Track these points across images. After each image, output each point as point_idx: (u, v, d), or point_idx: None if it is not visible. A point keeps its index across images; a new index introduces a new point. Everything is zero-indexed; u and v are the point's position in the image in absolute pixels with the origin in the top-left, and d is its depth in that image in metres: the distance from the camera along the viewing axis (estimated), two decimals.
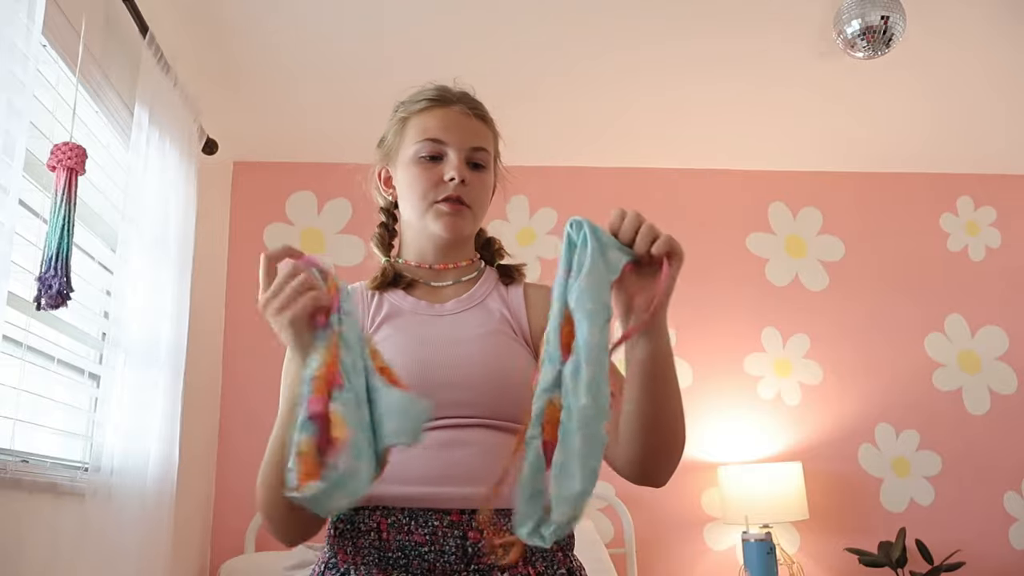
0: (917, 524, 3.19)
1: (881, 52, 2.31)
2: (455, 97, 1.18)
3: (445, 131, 1.15)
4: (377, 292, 1.18)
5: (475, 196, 1.16)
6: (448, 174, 1.14)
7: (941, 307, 3.49)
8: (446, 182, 1.14)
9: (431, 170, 1.15)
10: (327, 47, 2.59)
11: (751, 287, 3.43)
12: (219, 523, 2.97)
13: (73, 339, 2.00)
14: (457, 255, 1.20)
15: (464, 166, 1.15)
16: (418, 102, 1.19)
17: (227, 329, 3.16)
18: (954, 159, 3.54)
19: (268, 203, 3.32)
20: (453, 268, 1.20)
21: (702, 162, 3.49)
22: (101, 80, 2.05)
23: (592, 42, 2.60)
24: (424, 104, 1.18)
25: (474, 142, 1.16)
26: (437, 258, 1.20)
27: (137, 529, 1.90)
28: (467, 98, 1.19)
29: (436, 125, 1.16)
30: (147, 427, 2.01)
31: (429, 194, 1.15)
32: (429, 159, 1.15)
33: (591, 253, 0.89)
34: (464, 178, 1.14)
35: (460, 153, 1.15)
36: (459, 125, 1.16)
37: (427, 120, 1.17)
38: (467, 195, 1.15)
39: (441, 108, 1.17)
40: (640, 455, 1.03)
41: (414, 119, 1.18)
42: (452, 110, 1.17)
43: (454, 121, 1.16)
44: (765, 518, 2.91)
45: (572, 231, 0.91)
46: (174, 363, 2.18)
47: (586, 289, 0.85)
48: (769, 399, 3.31)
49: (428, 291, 1.18)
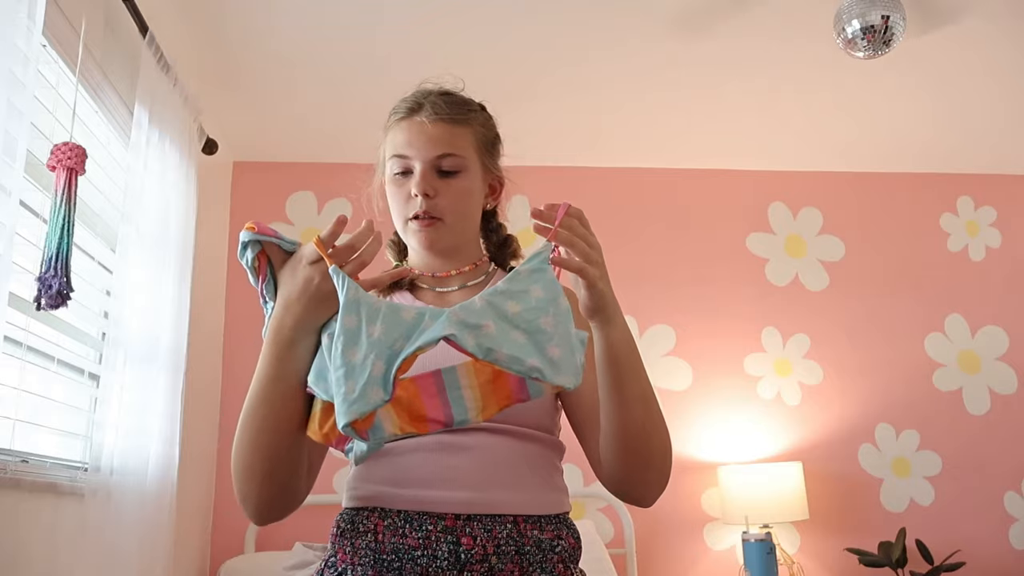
0: (917, 524, 3.19)
1: (881, 52, 2.30)
2: (423, 103, 1.15)
3: (408, 145, 1.14)
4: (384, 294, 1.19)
5: (447, 206, 1.14)
6: (412, 190, 1.13)
7: (941, 307, 3.50)
8: (413, 198, 1.13)
9: (402, 187, 1.15)
10: (327, 47, 2.59)
11: (751, 287, 3.43)
12: (219, 523, 2.97)
13: (73, 339, 2.00)
14: (458, 261, 1.20)
15: (428, 179, 1.13)
16: (394, 114, 1.18)
17: (227, 329, 3.16)
18: (954, 159, 3.54)
19: (268, 203, 3.33)
20: (457, 274, 1.19)
21: (702, 162, 3.49)
22: (101, 80, 2.05)
23: (592, 42, 2.60)
24: (396, 116, 1.17)
25: (438, 150, 1.13)
26: (437, 267, 1.20)
27: (137, 529, 1.90)
28: (437, 102, 1.16)
29: (402, 140, 1.15)
30: (147, 427, 2.01)
31: (402, 212, 1.16)
32: (401, 175, 1.15)
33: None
34: (427, 191, 1.12)
35: (424, 165, 1.13)
36: (421, 136, 1.13)
37: (396, 135, 1.16)
38: (435, 208, 1.13)
39: (407, 119, 1.15)
40: (618, 468, 1.03)
41: (389, 134, 1.18)
42: (414, 121, 1.14)
43: (416, 133, 1.14)
44: (765, 518, 2.91)
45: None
46: (174, 363, 2.18)
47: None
48: (769, 399, 3.31)
49: (434, 296, 1.19)
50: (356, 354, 0.87)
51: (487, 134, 1.21)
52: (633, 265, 3.34)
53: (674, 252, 3.41)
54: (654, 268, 3.37)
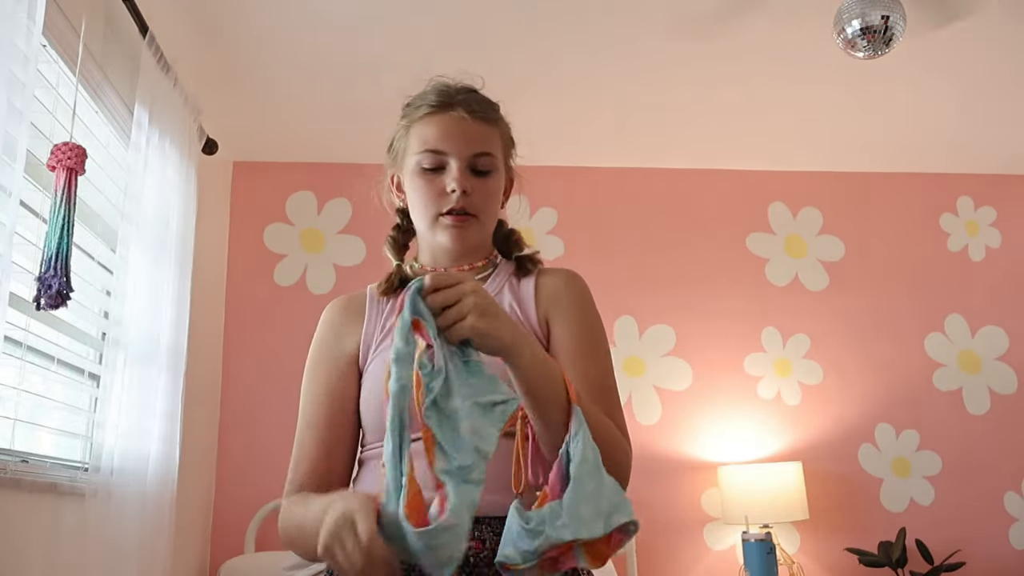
0: (917, 524, 3.19)
1: (881, 52, 2.30)
2: (456, 100, 1.15)
3: (445, 140, 1.13)
4: (389, 297, 1.18)
5: (480, 204, 1.14)
6: (450, 186, 1.12)
7: (941, 307, 3.50)
8: (448, 194, 1.12)
9: (433, 182, 1.13)
10: (328, 47, 2.59)
11: (751, 287, 3.43)
12: (219, 523, 2.97)
13: (73, 339, 2.00)
14: (472, 257, 1.20)
15: (466, 176, 1.12)
16: (420, 107, 1.17)
17: (227, 329, 3.16)
18: (954, 159, 3.54)
19: (268, 203, 3.32)
20: (468, 269, 1.19)
21: (702, 162, 3.49)
22: (101, 80, 2.05)
23: (591, 40, 2.60)
24: (425, 110, 1.16)
25: (476, 148, 1.13)
26: (450, 262, 1.19)
27: (137, 529, 1.90)
28: (469, 100, 1.16)
29: (436, 135, 1.13)
30: (147, 427, 2.01)
31: (432, 206, 1.14)
32: (431, 170, 1.14)
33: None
34: (466, 188, 1.12)
35: (461, 162, 1.12)
36: (459, 132, 1.13)
37: (427, 129, 1.14)
38: (471, 205, 1.13)
39: (440, 114, 1.14)
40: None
41: (416, 127, 1.16)
42: (451, 116, 1.14)
43: (454, 129, 1.13)
44: (765, 518, 2.91)
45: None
46: (174, 363, 2.18)
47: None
48: (769, 399, 3.31)
49: None
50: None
51: (508, 133, 1.23)
52: (633, 265, 3.34)
53: (674, 252, 3.41)
54: (654, 268, 3.37)
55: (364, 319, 1.18)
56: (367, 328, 1.17)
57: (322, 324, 1.21)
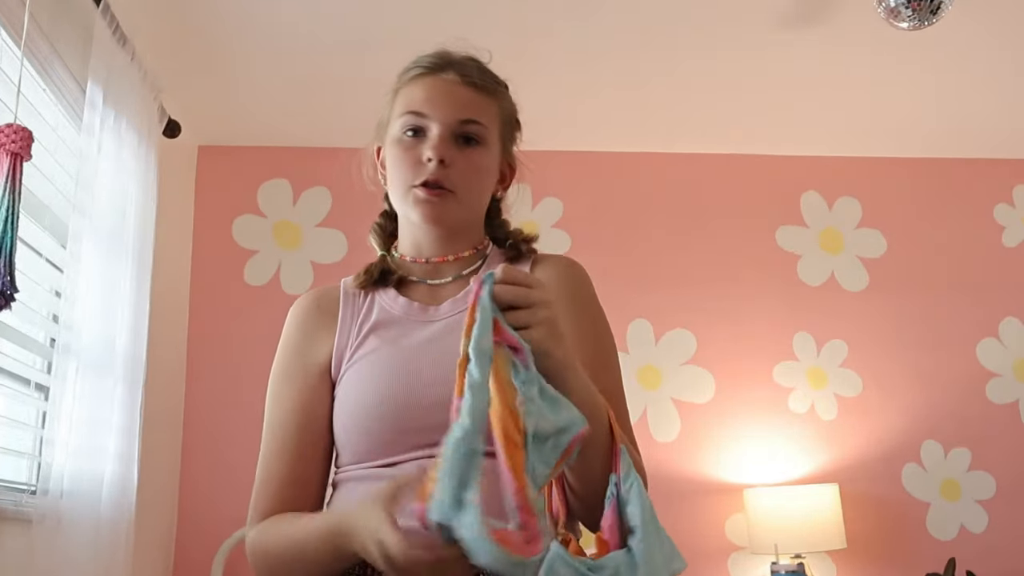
0: (968, 554, 3.19)
1: (928, 22, 2.30)
2: (450, 63, 1.15)
3: (428, 103, 1.12)
4: (367, 292, 1.17)
5: (460, 178, 1.11)
6: (425, 155, 1.10)
7: (995, 310, 3.50)
8: (424, 163, 1.10)
9: (412, 149, 1.12)
10: (304, 19, 2.59)
11: (781, 287, 3.43)
12: (182, 553, 2.97)
13: (18, 346, 2.01)
14: (458, 245, 1.18)
15: (447, 144, 1.10)
16: (412, 70, 1.16)
17: (191, 335, 3.16)
18: (1010, 143, 3.54)
19: (237, 192, 3.33)
20: (454, 260, 1.17)
21: (725, 146, 3.49)
22: (49, 54, 2.05)
23: (601, 12, 2.60)
24: (416, 72, 1.15)
25: (463, 114, 1.12)
26: (434, 250, 1.17)
27: (90, 559, 1.91)
28: (468, 66, 1.15)
29: (420, 96, 1.13)
30: (101, 445, 2.02)
31: (407, 177, 1.12)
32: (412, 135, 1.13)
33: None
34: (444, 158, 1.09)
35: (444, 128, 1.11)
36: (447, 95, 1.12)
37: (413, 91, 1.14)
38: (448, 178, 1.10)
39: (430, 76, 1.14)
40: (581, 510, 1.03)
41: (403, 90, 1.16)
42: (441, 78, 1.13)
43: (441, 91, 1.12)
44: (797, 547, 2.91)
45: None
46: (132, 373, 2.19)
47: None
48: (801, 413, 3.32)
49: (425, 291, 1.16)
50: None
51: (512, 113, 1.22)
52: (647, 263, 3.34)
53: (694, 248, 3.41)
54: (671, 266, 3.37)
55: (338, 320, 1.16)
56: (341, 330, 1.15)
57: (289, 326, 1.19)
